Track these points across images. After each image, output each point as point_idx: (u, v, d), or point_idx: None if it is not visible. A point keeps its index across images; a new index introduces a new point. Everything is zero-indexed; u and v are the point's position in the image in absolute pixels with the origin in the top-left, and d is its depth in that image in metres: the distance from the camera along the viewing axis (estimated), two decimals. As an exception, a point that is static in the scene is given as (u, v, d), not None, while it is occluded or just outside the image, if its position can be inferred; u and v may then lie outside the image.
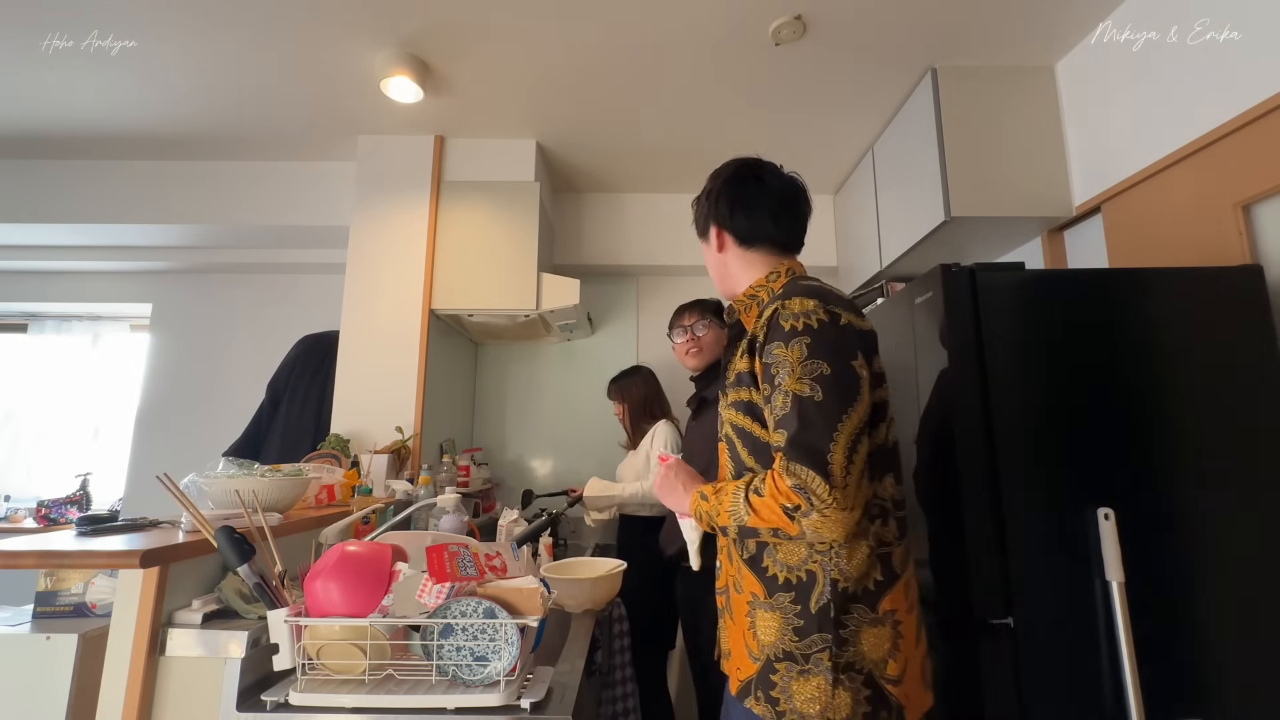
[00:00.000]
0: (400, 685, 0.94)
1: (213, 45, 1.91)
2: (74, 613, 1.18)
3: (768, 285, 1.01)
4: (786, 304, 0.89)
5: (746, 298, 1.03)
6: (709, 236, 1.09)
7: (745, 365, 0.94)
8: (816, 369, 0.84)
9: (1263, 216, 1.42)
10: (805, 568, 0.87)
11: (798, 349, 0.86)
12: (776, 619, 0.88)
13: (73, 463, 3.28)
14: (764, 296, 1.00)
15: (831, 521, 0.80)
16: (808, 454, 0.81)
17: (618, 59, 2.00)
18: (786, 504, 0.82)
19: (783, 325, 0.88)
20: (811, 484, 0.80)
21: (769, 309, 0.91)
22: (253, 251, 3.05)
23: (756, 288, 1.02)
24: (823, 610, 0.85)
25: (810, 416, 0.82)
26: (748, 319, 1.02)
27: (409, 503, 1.67)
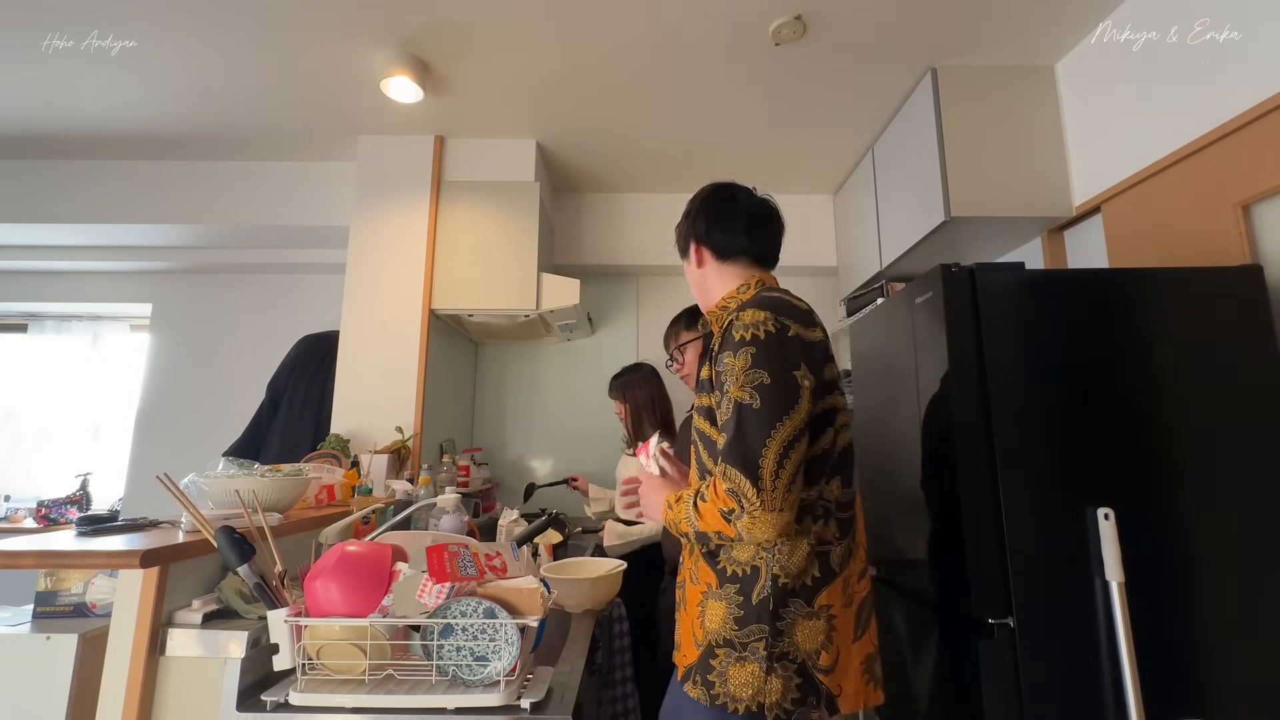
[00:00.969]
0: (400, 685, 0.94)
1: (213, 45, 1.91)
2: (74, 613, 1.18)
3: (737, 296, 1.07)
4: (740, 315, 0.95)
5: (719, 309, 1.09)
6: (689, 254, 1.15)
7: (706, 373, 0.99)
8: (757, 378, 0.89)
9: (1263, 216, 1.42)
10: (751, 563, 0.92)
11: (744, 358, 0.91)
12: (721, 608, 0.93)
13: (73, 463, 3.29)
14: (733, 307, 1.05)
15: (760, 523, 0.85)
16: (740, 459, 0.87)
17: (618, 59, 2.00)
18: (723, 507, 0.88)
19: (733, 335, 0.93)
20: (742, 487, 0.86)
21: (725, 320, 0.99)
22: (253, 251, 3.05)
23: (727, 299, 1.08)
24: (762, 603, 0.90)
25: (747, 424, 0.88)
26: (717, 329, 1.06)
27: (409, 503, 1.67)
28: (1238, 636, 1.17)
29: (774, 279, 1.12)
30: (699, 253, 1.13)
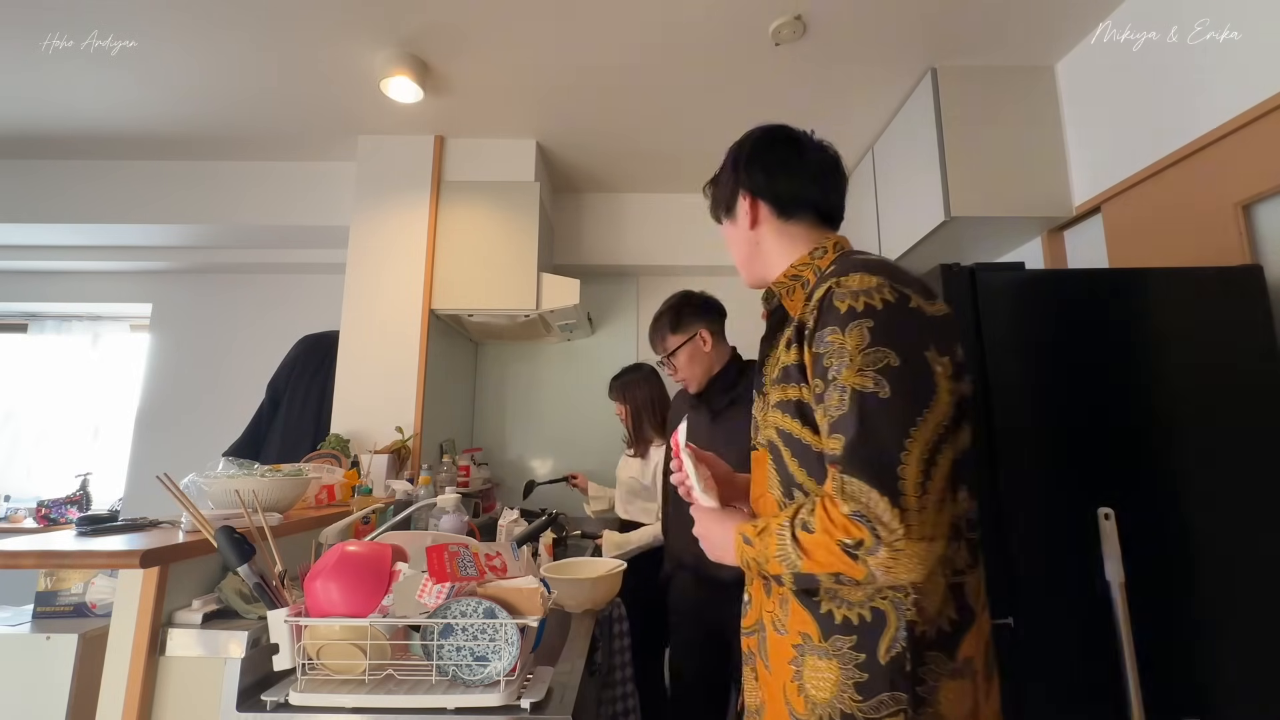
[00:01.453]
0: (400, 685, 0.94)
1: (213, 45, 1.91)
2: (74, 613, 1.18)
3: (812, 263, 0.84)
4: (843, 281, 0.72)
5: (788, 279, 0.85)
6: (736, 211, 0.91)
7: (793, 357, 0.76)
8: (881, 359, 0.67)
9: (1263, 216, 1.42)
10: (872, 605, 0.69)
11: (857, 334, 0.69)
12: (832, 671, 0.69)
13: (73, 463, 3.29)
14: (809, 276, 0.83)
15: (905, 558, 0.63)
16: (870, 468, 0.64)
17: (618, 59, 2.00)
18: (845, 539, 0.64)
19: (838, 306, 0.71)
20: (875, 509, 0.63)
21: (820, 288, 0.74)
22: (253, 251, 3.05)
23: (799, 267, 0.85)
24: (895, 661, 0.67)
25: (874, 420, 0.65)
26: (792, 303, 0.84)
27: (409, 503, 1.67)
28: (1237, 636, 1.17)
29: (849, 242, 0.88)
30: (754, 209, 0.89)
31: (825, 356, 0.71)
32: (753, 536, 0.75)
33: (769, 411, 0.81)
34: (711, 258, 2.95)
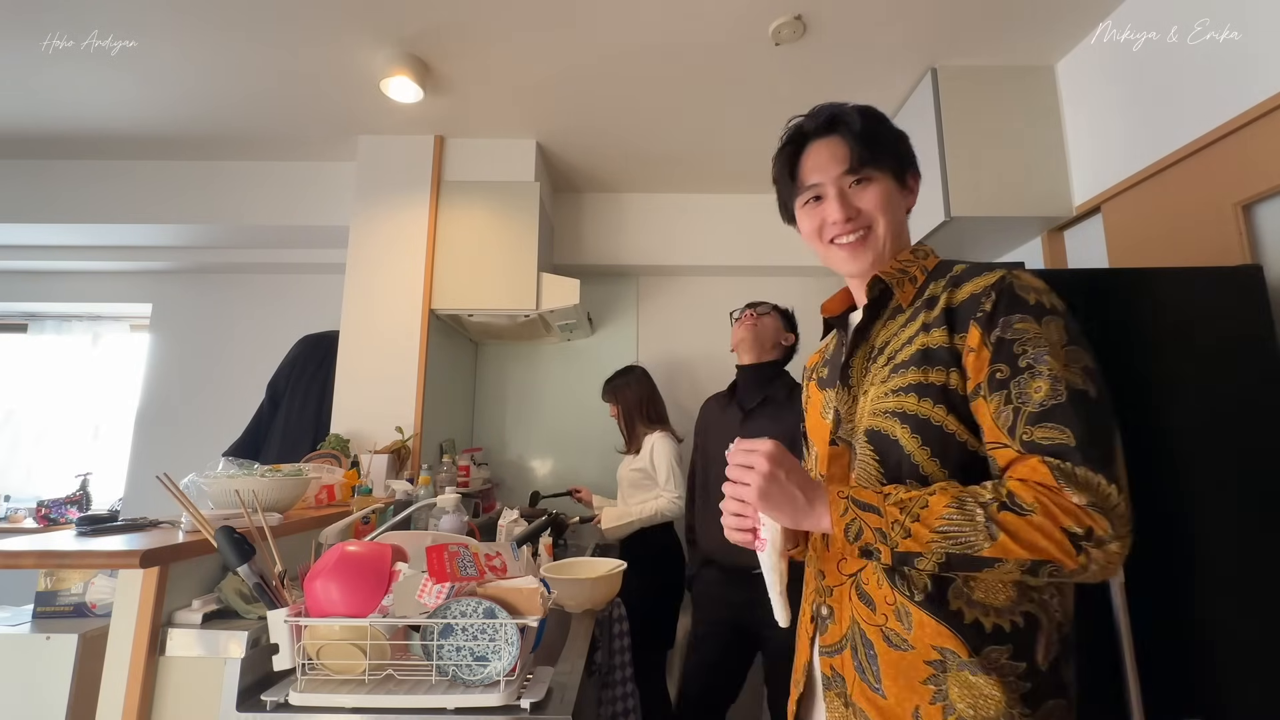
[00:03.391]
0: (400, 685, 0.94)
1: (213, 45, 1.91)
2: (74, 613, 1.18)
3: (917, 262, 0.83)
4: (1020, 275, 0.73)
5: (897, 271, 0.82)
6: (907, 178, 0.86)
7: (937, 339, 0.72)
8: (1081, 359, 0.67)
9: (1263, 216, 1.42)
10: (1021, 609, 0.67)
11: (1056, 329, 0.68)
12: (995, 687, 0.64)
13: (73, 463, 3.29)
14: (917, 274, 0.81)
15: (1121, 555, 0.62)
16: (1105, 464, 0.63)
17: (618, 59, 2.00)
18: (1074, 528, 0.61)
19: (1025, 297, 0.70)
20: (1112, 503, 0.62)
21: (984, 279, 0.73)
22: (253, 251, 3.05)
23: (906, 263, 0.82)
24: (1053, 665, 0.67)
25: (1096, 418, 0.64)
26: (902, 295, 0.81)
27: (409, 503, 1.67)
28: (1237, 636, 1.17)
29: None
30: (915, 185, 0.87)
31: (1017, 343, 0.68)
32: (874, 501, 0.67)
33: (885, 396, 0.75)
34: (712, 258, 2.95)
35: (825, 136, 0.84)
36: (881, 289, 0.82)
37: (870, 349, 0.81)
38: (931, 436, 0.71)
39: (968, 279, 0.75)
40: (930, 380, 0.72)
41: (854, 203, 0.82)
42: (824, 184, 0.83)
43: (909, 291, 0.80)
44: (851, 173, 0.81)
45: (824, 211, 0.83)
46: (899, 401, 0.74)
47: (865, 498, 0.68)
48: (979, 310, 0.71)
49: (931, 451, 0.71)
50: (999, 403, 0.67)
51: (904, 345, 0.76)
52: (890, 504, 0.66)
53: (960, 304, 0.73)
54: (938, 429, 0.71)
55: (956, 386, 0.71)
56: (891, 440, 0.73)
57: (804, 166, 0.85)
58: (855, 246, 0.82)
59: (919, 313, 0.77)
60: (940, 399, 0.71)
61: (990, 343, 0.69)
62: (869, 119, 0.83)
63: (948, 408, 0.71)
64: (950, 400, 0.71)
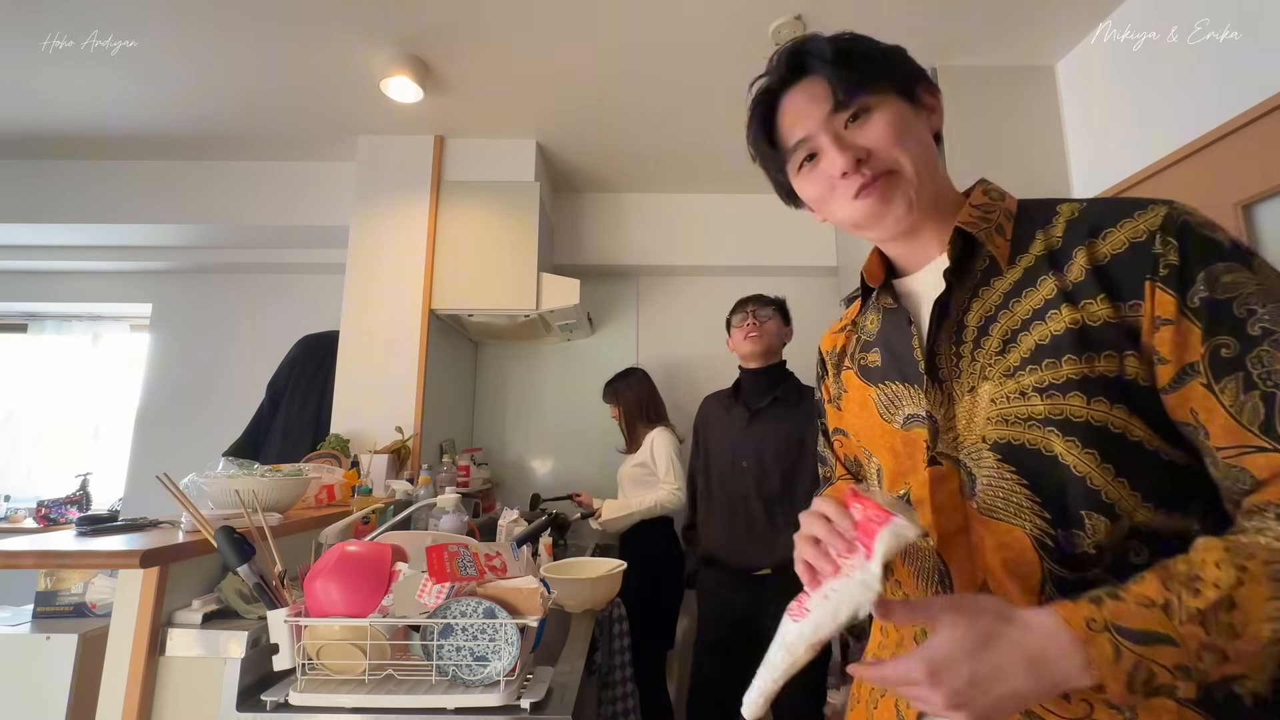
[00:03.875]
0: (400, 685, 0.94)
1: (213, 45, 1.91)
2: (74, 613, 1.18)
3: (996, 205, 0.64)
4: (1184, 207, 0.54)
5: (977, 219, 0.62)
6: (922, 97, 0.69)
7: (1097, 312, 0.53)
8: None
9: (1263, 216, 1.42)
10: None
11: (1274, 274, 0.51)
12: None
13: (73, 463, 3.29)
14: (1003, 221, 0.63)
15: None
16: None
17: (618, 59, 2.00)
18: None
19: (1214, 238, 0.52)
20: None
21: (1143, 219, 0.54)
22: (253, 251, 3.05)
23: (983, 208, 0.64)
24: None
25: None
26: (997, 249, 0.61)
27: (409, 503, 1.67)
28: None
29: None
30: (935, 100, 0.71)
31: (1236, 302, 0.49)
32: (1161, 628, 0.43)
33: (1008, 400, 0.56)
34: (712, 258, 2.95)
35: (796, 83, 0.67)
36: (964, 244, 0.62)
37: (958, 328, 0.61)
38: (1114, 450, 0.52)
39: (1109, 222, 0.55)
40: (1099, 371, 0.53)
41: (857, 142, 0.62)
42: (812, 134, 0.63)
43: (1003, 246, 0.61)
44: (840, 108, 0.62)
45: (824, 168, 0.63)
46: (1055, 404, 0.53)
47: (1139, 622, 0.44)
48: (1159, 265, 0.52)
49: (1116, 471, 0.52)
50: (1235, 390, 0.48)
51: (1031, 321, 0.56)
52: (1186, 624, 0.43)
53: (1115, 259, 0.54)
54: (1119, 439, 0.52)
55: (1136, 376, 0.52)
56: (1047, 458, 0.54)
57: (782, 126, 0.67)
58: (880, 195, 0.61)
59: (1039, 275, 0.57)
60: (1119, 397, 0.52)
61: (1194, 309, 0.50)
62: (843, 40, 0.68)
63: (1129, 408, 0.52)
64: (1131, 397, 0.52)
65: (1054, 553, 0.53)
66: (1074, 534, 0.53)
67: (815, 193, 0.67)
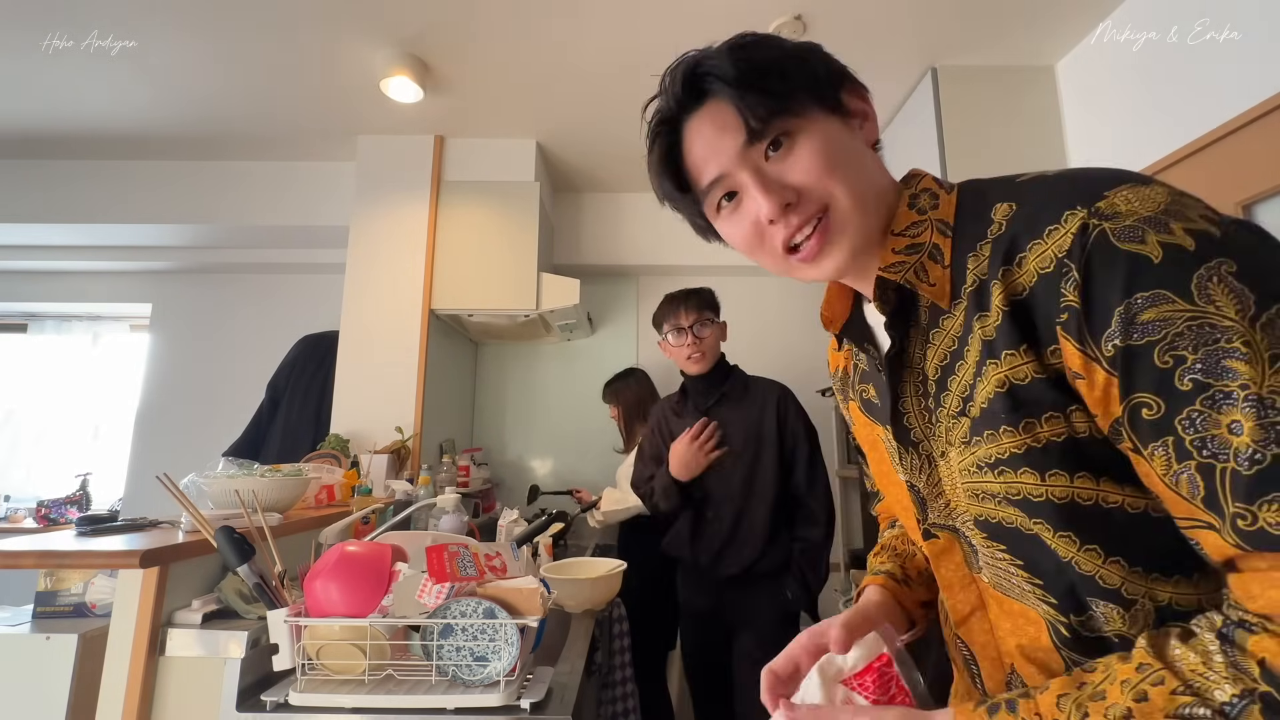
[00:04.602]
0: (400, 685, 0.94)
1: (213, 45, 1.91)
2: (74, 613, 1.18)
3: (925, 219, 0.52)
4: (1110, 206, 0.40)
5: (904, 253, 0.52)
6: (848, 104, 0.56)
7: (1022, 370, 0.44)
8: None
9: (1263, 217, 1.42)
10: None
11: (1223, 292, 0.37)
12: None
13: (72, 463, 3.29)
14: (939, 244, 0.51)
15: None
16: None
17: (618, 59, 2.00)
18: None
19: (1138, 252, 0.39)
20: None
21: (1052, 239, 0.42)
22: (253, 251, 3.05)
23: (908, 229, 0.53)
24: None
25: None
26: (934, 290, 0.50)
27: (409, 503, 1.67)
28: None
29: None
30: (862, 105, 0.58)
31: (1159, 347, 0.38)
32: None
33: (971, 471, 0.48)
34: (711, 258, 2.94)
35: (696, 109, 0.56)
36: (898, 294, 0.53)
37: (922, 379, 0.53)
38: (1093, 528, 0.43)
39: (1023, 243, 0.44)
40: (1044, 439, 0.43)
41: (783, 179, 0.52)
42: (727, 171, 0.54)
43: (941, 281, 0.50)
44: (756, 139, 0.52)
45: (748, 209, 0.54)
46: (1009, 483, 0.45)
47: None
48: (1061, 308, 0.41)
49: (1105, 552, 0.43)
50: (1167, 459, 0.38)
51: (974, 380, 0.47)
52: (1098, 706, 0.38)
53: (1029, 295, 0.43)
54: (1093, 512, 0.43)
55: (1087, 432, 0.43)
56: (1028, 537, 0.46)
57: (690, 161, 0.58)
58: (816, 249, 0.52)
59: (974, 317, 0.47)
60: (1077, 464, 0.43)
61: (1107, 361, 0.39)
62: (743, 50, 0.56)
63: (1094, 473, 0.43)
64: (1093, 459, 0.43)
65: (1071, 641, 0.45)
66: (1092, 618, 0.44)
67: (741, 238, 0.56)
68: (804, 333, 2.92)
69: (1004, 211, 0.47)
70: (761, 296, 3.01)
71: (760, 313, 2.99)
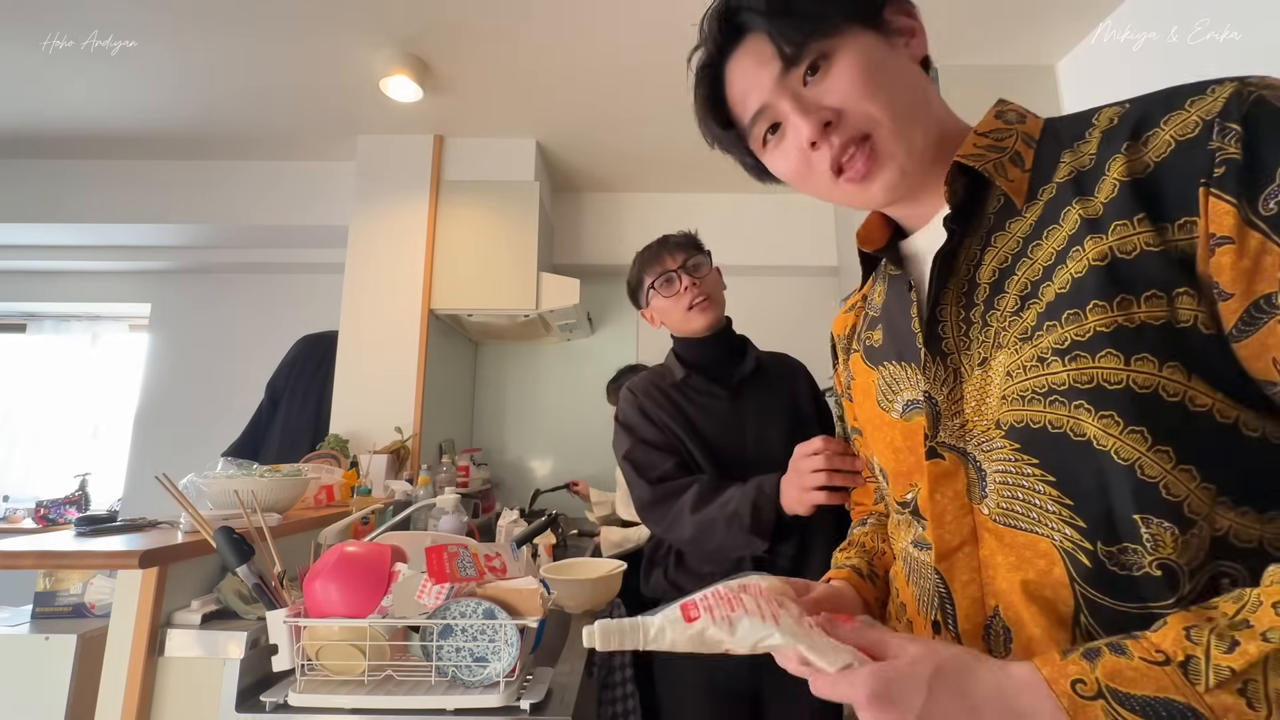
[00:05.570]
0: (400, 686, 0.94)
1: (212, 45, 1.91)
2: (73, 613, 1.18)
3: (1012, 129, 0.52)
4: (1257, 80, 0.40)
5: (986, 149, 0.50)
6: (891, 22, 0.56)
7: (1135, 238, 0.40)
8: None
9: (1263, 217, 1.42)
10: None
11: None
12: None
13: (71, 463, 3.28)
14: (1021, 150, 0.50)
15: None
16: None
17: (617, 59, 2.00)
18: None
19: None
20: None
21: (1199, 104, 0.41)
22: (253, 251, 3.05)
23: (994, 134, 0.52)
24: None
25: None
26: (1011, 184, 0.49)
27: (408, 503, 1.67)
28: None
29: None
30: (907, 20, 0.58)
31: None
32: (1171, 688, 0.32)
33: (1024, 370, 0.44)
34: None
35: (736, 47, 0.55)
36: (967, 185, 0.50)
37: (969, 288, 0.50)
38: (1171, 426, 0.38)
39: (1156, 118, 0.43)
40: (1139, 319, 0.39)
41: (821, 101, 0.50)
42: (767, 102, 0.52)
43: (1019, 180, 0.49)
44: (792, 64, 0.50)
45: (792, 139, 0.52)
46: (1082, 369, 0.41)
47: (1147, 688, 0.33)
48: (1214, 162, 0.38)
49: (1177, 456, 0.38)
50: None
51: (1054, 266, 0.44)
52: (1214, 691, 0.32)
53: (1160, 166, 0.41)
54: (1177, 410, 0.38)
55: (1194, 322, 0.38)
56: (1078, 443, 0.41)
57: (733, 99, 0.57)
58: (864, 172, 0.50)
59: (1062, 206, 0.45)
60: (1172, 352, 0.39)
61: (1268, 218, 0.36)
62: None
63: (1188, 367, 0.38)
64: (1191, 351, 0.38)
65: (1093, 575, 0.40)
66: (1126, 549, 0.39)
67: (789, 169, 0.55)
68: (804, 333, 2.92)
69: (1112, 113, 0.47)
70: (762, 297, 3.01)
71: (761, 313, 2.99)
